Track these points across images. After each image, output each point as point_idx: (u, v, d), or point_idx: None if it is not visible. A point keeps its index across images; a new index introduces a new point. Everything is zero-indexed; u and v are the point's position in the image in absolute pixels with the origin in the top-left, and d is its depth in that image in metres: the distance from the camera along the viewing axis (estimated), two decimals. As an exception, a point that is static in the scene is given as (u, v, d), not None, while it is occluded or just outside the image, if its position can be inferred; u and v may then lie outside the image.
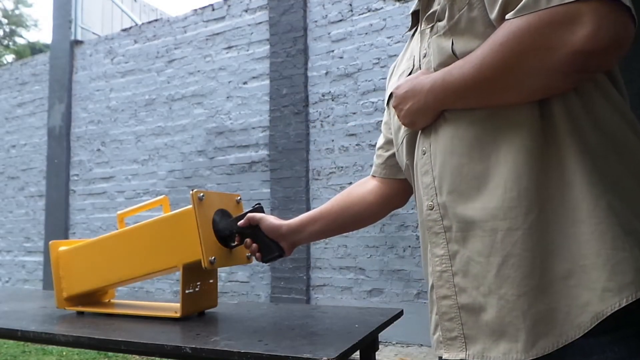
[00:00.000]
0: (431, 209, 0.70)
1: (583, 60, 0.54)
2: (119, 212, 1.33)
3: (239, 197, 1.24)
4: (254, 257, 1.16)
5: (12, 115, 6.20)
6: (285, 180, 4.15)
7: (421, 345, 3.52)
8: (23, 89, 6.15)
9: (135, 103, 5.15)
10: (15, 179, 6.04)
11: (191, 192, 1.09)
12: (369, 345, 1.04)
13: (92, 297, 1.34)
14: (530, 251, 0.59)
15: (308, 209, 4.04)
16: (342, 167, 3.97)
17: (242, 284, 4.36)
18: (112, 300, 1.40)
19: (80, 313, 1.27)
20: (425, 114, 0.70)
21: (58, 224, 5.50)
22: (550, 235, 0.59)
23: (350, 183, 3.88)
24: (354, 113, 3.95)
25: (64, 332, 1.05)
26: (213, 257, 1.07)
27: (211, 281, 1.23)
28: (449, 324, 0.67)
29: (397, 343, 3.60)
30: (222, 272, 4.39)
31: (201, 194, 1.10)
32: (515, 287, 0.60)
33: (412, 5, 0.84)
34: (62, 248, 1.32)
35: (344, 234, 3.87)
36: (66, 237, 5.42)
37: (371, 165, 3.74)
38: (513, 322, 0.60)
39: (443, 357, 0.68)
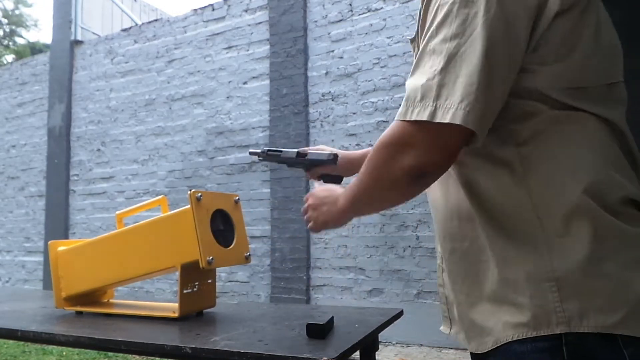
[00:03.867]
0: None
1: (415, 176, 0.65)
2: (117, 212, 1.33)
3: (237, 197, 1.24)
4: (252, 257, 1.16)
5: (12, 115, 6.20)
6: (285, 180, 4.15)
7: (421, 345, 3.52)
8: (23, 89, 6.15)
9: (135, 103, 5.15)
10: (15, 179, 6.04)
11: (189, 192, 1.09)
12: (369, 345, 1.04)
13: (91, 297, 1.34)
14: (462, 270, 0.71)
15: (308, 209, 4.03)
16: (342, 167, 3.96)
17: (242, 284, 4.35)
18: (111, 300, 1.40)
19: (80, 313, 1.27)
20: (337, 219, 0.84)
21: (58, 224, 5.50)
22: (474, 264, 0.69)
23: (350, 183, 3.88)
24: (354, 113, 3.95)
25: (64, 332, 1.05)
26: (211, 257, 1.07)
27: (209, 281, 1.23)
28: (442, 307, 0.82)
29: (397, 343, 3.60)
30: (222, 272, 4.38)
31: (199, 194, 1.10)
32: (459, 294, 0.73)
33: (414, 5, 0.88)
34: (61, 248, 1.32)
35: (344, 234, 3.87)
36: (66, 237, 5.41)
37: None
38: (461, 320, 0.74)
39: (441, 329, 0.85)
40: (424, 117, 0.61)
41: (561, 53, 0.63)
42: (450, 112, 0.60)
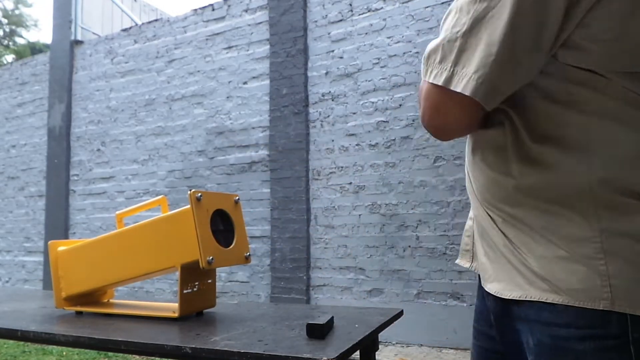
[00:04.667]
0: None
1: (436, 132, 0.69)
2: (117, 212, 1.33)
3: (237, 197, 1.24)
4: (252, 257, 1.16)
5: (12, 115, 6.20)
6: (285, 180, 4.15)
7: (421, 345, 3.52)
8: (23, 89, 6.15)
9: (135, 103, 5.15)
10: (15, 179, 6.04)
11: (189, 192, 1.09)
12: (369, 345, 1.04)
13: (91, 297, 1.34)
14: (512, 230, 0.68)
15: (308, 209, 4.03)
16: (342, 167, 3.97)
17: (242, 284, 4.35)
18: (111, 300, 1.40)
19: (79, 313, 1.27)
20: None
21: (58, 224, 5.50)
22: (523, 229, 0.66)
23: (350, 183, 3.89)
24: (354, 113, 3.95)
25: (63, 332, 1.05)
26: (211, 257, 1.07)
27: (209, 281, 1.23)
28: (466, 239, 0.82)
29: (397, 343, 3.60)
30: (222, 272, 4.38)
31: (199, 194, 1.10)
32: (500, 238, 0.70)
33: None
34: (61, 248, 1.32)
35: (344, 234, 3.87)
36: (66, 237, 5.41)
37: (371, 165, 3.76)
38: (488, 258, 0.72)
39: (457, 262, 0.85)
40: (440, 81, 0.62)
41: (615, 33, 0.59)
42: (463, 81, 0.60)
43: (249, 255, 1.21)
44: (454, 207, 3.50)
